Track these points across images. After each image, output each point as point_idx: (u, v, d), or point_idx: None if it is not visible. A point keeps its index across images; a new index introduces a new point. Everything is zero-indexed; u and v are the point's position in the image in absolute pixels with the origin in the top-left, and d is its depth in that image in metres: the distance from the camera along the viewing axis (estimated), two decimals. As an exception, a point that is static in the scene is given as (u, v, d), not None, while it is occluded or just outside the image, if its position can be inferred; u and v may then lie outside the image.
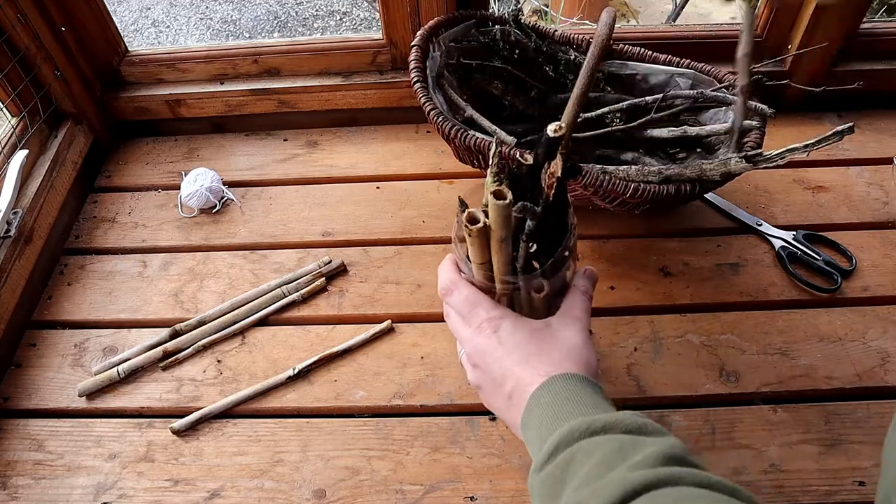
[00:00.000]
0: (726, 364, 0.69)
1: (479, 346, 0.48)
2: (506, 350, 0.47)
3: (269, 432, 0.66)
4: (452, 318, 0.52)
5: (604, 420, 0.40)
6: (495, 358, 0.48)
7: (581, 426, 0.40)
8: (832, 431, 0.63)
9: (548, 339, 0.48)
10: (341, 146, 0.95)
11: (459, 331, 0.51)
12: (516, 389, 0.46)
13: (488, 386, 0.49)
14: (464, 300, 0.50)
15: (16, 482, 0.63)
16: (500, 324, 0.48)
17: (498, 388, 0.48)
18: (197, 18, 2.76)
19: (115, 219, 0.87)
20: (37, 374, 0.71)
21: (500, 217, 0.43)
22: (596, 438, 0.40)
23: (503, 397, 0.48)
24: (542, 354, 0.47)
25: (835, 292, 0.74)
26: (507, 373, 0.47)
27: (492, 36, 0.85)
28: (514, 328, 0.48)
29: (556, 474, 0.39)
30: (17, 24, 0.79)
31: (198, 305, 0.76)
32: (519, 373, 0.46)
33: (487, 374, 0.49)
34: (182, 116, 0.96)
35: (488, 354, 0.48)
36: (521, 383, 0.46)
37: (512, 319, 0.48)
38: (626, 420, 0.40)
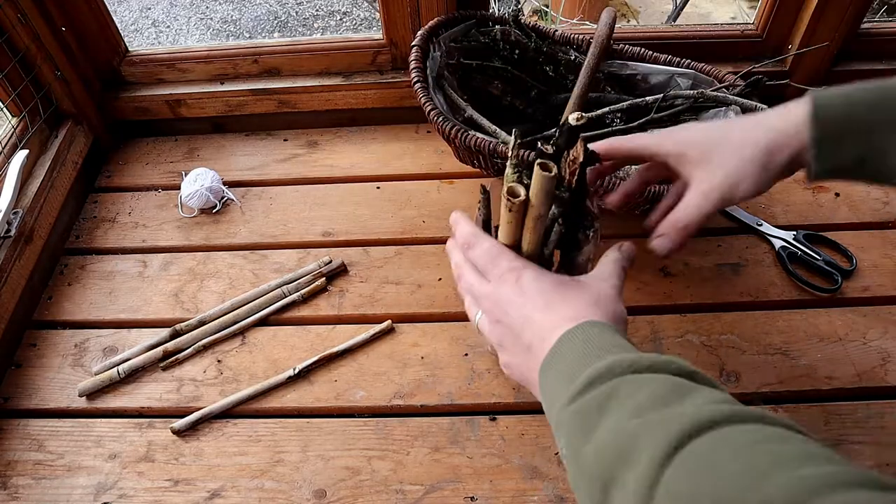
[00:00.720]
0: (726, 364, 0.68)
1: (500, 296, 0.45)
2: (528, 297, 0.44)
3: (270, 432, 0.66)
4: (467, 276, 0.48)
5: (650, 359, 0.36)
6: (516, 306, 0.44)
7: (623, 362, 0.36)
8: (832, 431, 0.63)
9: (574, 288, 0.44)
10: (341, 146, 0.95)
11: (478, 287, 0.47)
12: (536, 337, 0.43)
13: (508, 340, 0.45)
14: (485, 251, 0.47)
15: (16, 482, 0.63)
16: (522, 273, 0.45)
17: (517, 339, 0.44)
18: (197, 18, 2.76)
19: (115, 219, 0.87)
20: (37, 374, 0.71)
21: (543, 191, 0.43)
22: (643, 376, 0.35)
23: (522, 349, 0.44)
24: (566, 300, 0.43)
25: (835, 292, 0.74)
26: (527, 321, 0.43)
27: (492, 36, 0.85)
28: (539, 275, 0.45)
29: (592, 406, 0.35)
30: (18, 24, 0.79)
31: (198, 305, 0.76)
32: (540, 319, 0.43)
33: (508, 326, 0.45)
34: (182, 116, 0.96)
35: (510, 304, 0.44)
36: (541, 331, 0.42)
37: (536, 268, 0.46)
38: (676, 362, 0.36)
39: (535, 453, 0.63)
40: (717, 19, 2.54)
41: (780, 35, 0.89)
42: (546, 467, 0.62)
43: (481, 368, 0.69)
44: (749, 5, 2.55)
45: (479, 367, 0.69)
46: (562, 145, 0.46)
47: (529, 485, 0.61)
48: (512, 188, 0.45)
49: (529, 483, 0.61)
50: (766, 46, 0.91)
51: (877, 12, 2.04)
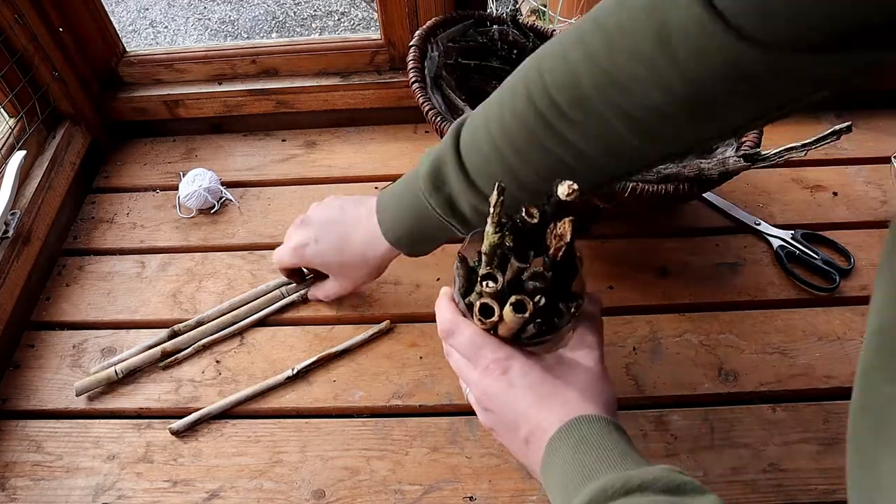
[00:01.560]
0: (725, 363, 0.69)
1: (488, 389, 0.46)
2: (518, 392, 0.44)
3: (268, 433, 0.66)
4: (455, 358, 0.49)
5: (640, 478, 0.37)
6: (507, 402, 0.45)
7: (615, 483, 0.37)
8: (831, 430, 0.63)
9: (562, 377, 0.45)
10: (340, 146, 0.95)
11: (465, 372, 0.48)
12: (533, 434, 0.44)
13: (502, 430, 0.47)
14: (467, 342, 0.47)
15: (14, 483, 0.63)
16: (509, 365, 0.45)
17: (512, 431, 0.45)
18: (195, 19, 2.76)
19: (113, 219, 0.87)
20: (35, 375, 0.71)
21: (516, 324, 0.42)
22: (633, 499, 0.37)
23: (519, 442, 0.45)
24: (557, 395, 0.44)
25: (833, 291, 0.74)
26: (522, 417, 0.44)
27: (490, 36, 0.85)
28: (525, 368, 0.45)
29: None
30: (15, 24, 0.78)
31: (196, 306, 0.76)
32: (534, 416, 0.44)
33: (500, 418, 0.46)
34: (180, 117, 0.96)
35: (499, 398, 0.45)
36: (538, 428, 0.44)
37: (521, 359, 0.46)
38: (664, 478, 0.37)
39: (533, 453, 0.63)
40: (715, 19, 2.53)
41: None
42: (545, 467, 0.62)
43: (480, 368, 0.69)
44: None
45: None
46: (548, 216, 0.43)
47: (528, 485, 0.61)
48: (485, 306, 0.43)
49: (528, 483, 0.61)
50: None
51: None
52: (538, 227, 0.43)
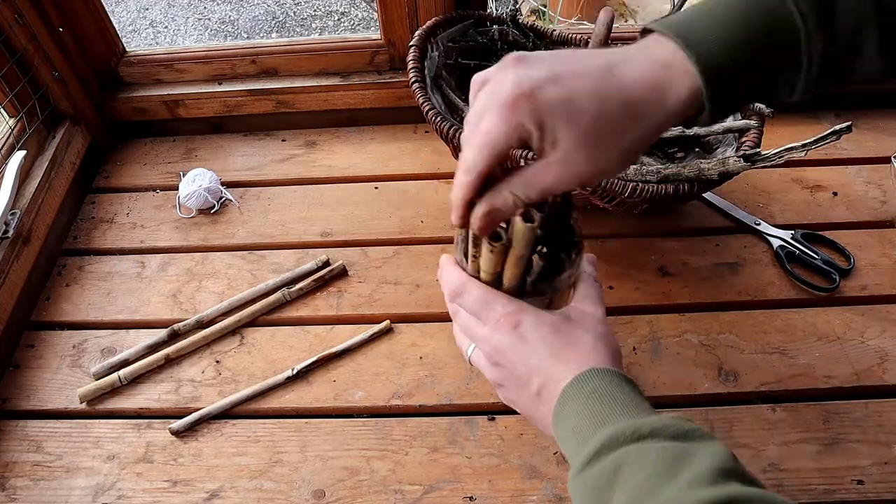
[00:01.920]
0: (725, 363, 0.69)
1: (499, 343, 0.46)
2: (530, 346, 0.45)
3: (268, 433, 0.66)
4: (462, 318, 0.49)
5: (650, 424, 0.38)
6: (519, 355, 0.45)
7: (626, 430, 0.38)
8: (831, 430, 0.63)
9: (571, 332, 0.46)
10: (339, 146, 0.95)
11: (474, 330, 0.48)
12: (545, 387, 0.44)
13: (512, 384, 0.47)
14: (476, 298, 0.47)
15: (14, 483, 0.63)
16: (520, 319, 0.45)
17: (523, 386, 0.46)
18: (195, 19, 2.76)
19: (113, 219, 0.87)
20: (35, 375, 0.71)
21: (525, 238, 0.42)
22: (643, 444, 0.37)
23: (529, 395, 0.45)
24: (568, 348, 0.45)
25: (833, 291, 0.74)
26: (534, 370, 0.45)
27: (490, 36, 0.85)
28: (537, 323, 0.45)
29: (601, 480, 0.37)
30: (15, 24, 0.78)
31: (196, 306, 0.76)
32: (547, 368, 0.44)
33: (511, 373, 0.46)
34: (180, 117, 0.96)
35: (511, 351, 0.45)
36: (550, 380, 0.44)
37: (532, 314, 0.46)
38: (673, 425, 0.38)
39: (533, 453, 0.63)
40: (715, 19, 2.53)
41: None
42: (545, 467, 0.62)
43: (480, 368, 0.69)
44: (747, 5, 2.54)
45: (477, 368, 0.69)
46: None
47: (528, 484, 0.61)
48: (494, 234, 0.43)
49: (528, 483, 0.61)
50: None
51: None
52: None
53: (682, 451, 0.37)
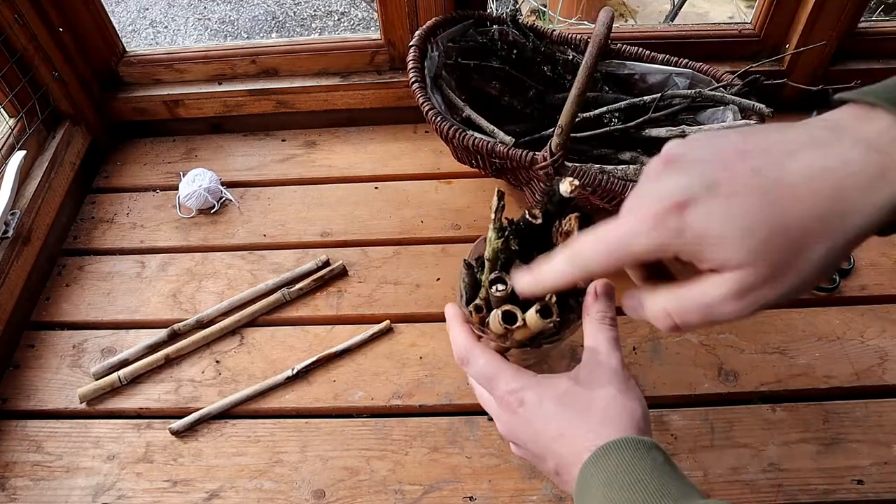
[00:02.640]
0: (725, 363, 0.69)
1: (508, 425, 0.44)
2: (537, 427, 0.42)
3: (268, 433, 0.66)
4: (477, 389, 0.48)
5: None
6: (529, 437, 0.43)
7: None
8: (830, 430, 0.63)
9: (579, 402, 0.41)
10: (339, 146, 0.95)
11: (487, 403, 0.47)
12: (560, 467, 0.41)
13: (533, 459, 0.45)
14: (480, 371, 0.45)
15: (14, 483, 0.63)
16: (522, 397, 0.42)
17: (542, 463, 0.44)
18: (195, 19, 2.76)
19: (113, 219, 0.87)
20: (35, 375, 0.71)
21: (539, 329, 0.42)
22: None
23: (551, 473, 0.43)
24: (578, 424, 0.41)
25: (833, 291, 0.74)
26: (546, 451, 0.42)
27: (490, 36, 0.85)
28: (539, 398, 0.42)
29: None
30: (15, 24, 0.78)
31: (196, 306, 0.76)
32: (558, 450, 0.41)
33: (527, 451, 0.44)
34: (180, 117, 0.96)
35: (520, 434, 0.43)
36: (564, 461, 0.41)
37: (534, 389, 0.43)
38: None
39: (533, 453, 0.63)
40: (715, 19, 2.54)
41: (778, 34, 0.89)
42: (545, 467, 0.62)
43: (480, 368, 0.69)
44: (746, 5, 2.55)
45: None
46: (552, 213, 0.42)
47: (528, 485, 0.61)
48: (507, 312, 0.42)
49: (528, 483, 0.61)
50: (764, 46, 0.91)
51: (874, 11, 2.05)
52: (542, 228, 0.43)
53: None
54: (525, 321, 0.42)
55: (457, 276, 0.77)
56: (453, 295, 0.76)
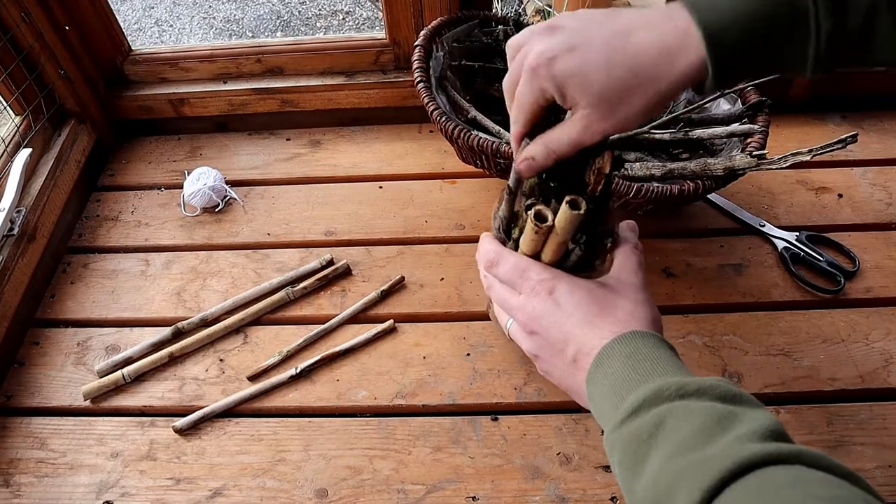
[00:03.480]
0: (729, 365, 0.68)
1: (534, 310, 0.45)
2: (565, 312, 0.44)
3: (271, 431, 0.66)
4: (497, 289, 0.49)
5: (697, 383, 0.37)
6: (554, 321, 0.44)
7: (671, 386, 0.37)
8: (835, 433, 0.63)
9: (608, 298, 0.45)
10: (344, 146, 0.95)
11: (509, 300, 0.48)
12: (581, 352, 0.43)
13: (547, 352, 0.46)
14: (512, 267, 0.47)
15: (18, 480, 0.63)
16: (554, 285, 0.45)
17: (559, 353, 0.45)
18: (200, 17, 2.77)
19: (118, 217, 0.87)
20: (40, 373, 0.71)
21: (570, 225, 0.43)
22: (689, 402, 0.36)
23: (565, 362, 0.44)
24: (604, 315, 0.44)
25: (838, 293, 0.73)
26: (569, 336, 0.44)
27: (495, 37, 0.85)
28: (571, 288, 0.45)
29: (642, 435, 0.36)
30: (21, 23, 0.79)
31: (200, 304, 0.76)
32: (582, 334, 0.43)
33: (546, 340, 0.45)
34: (185, 115, 0.96)
35: (546, 318, 0.45)
36: (586, 345, 0.43)
37: (567, 280, 0.45)
38: (720, 387, 0.37)
39: (536, 453, 0.63)
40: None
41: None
42: (548, 467, 0.62)
43: (483, 368, 0.69)
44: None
45: (480, 367, 0.69)
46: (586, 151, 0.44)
47: (531, 485, 0.61)
48: (539, 212, 0.44)
49: (531, 483, 0.61)
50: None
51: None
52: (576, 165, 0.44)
53: (729, 412, 0.35)
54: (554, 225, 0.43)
55: (460, 277, 0.77)
56: (457, 295, 0.76)
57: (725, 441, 0.33)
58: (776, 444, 0.32)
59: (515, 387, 0.67)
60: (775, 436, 0.34)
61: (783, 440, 0.34)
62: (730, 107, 0.77)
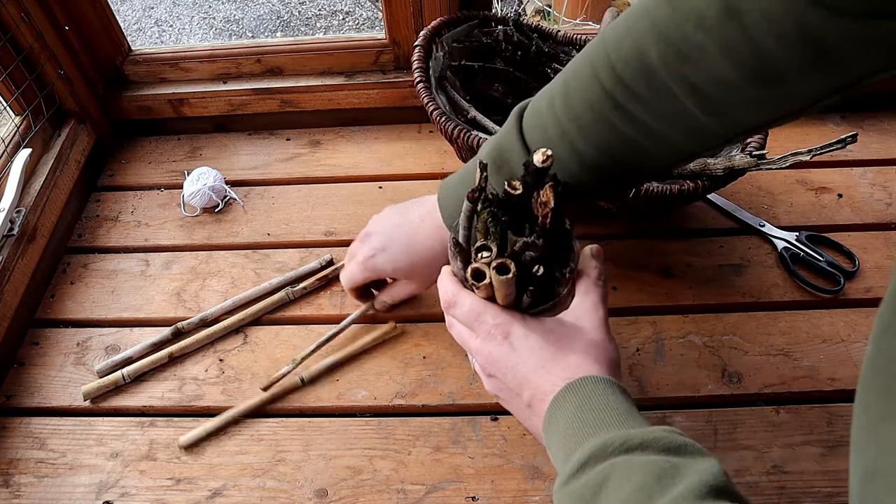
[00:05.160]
0: (728, 365, 0.68)
1: (490, 355, 0.46)
2: (520, 357, 0.45)
3: (271, 431, 0.66)
4: (457, 329, 0.50)
5: (640, 436, 0.38)
6: (510, 366, 0.45)
7: (615, 441, 0.38)
8: (834, 433, 0.63)
9: (563, 340, 0.45)
10: (344, 146, 0.95)
11: (468, 342, 0.49)
12: (535, 398, 0.44)
13: (506, 395, 0.47)
14: (468, 311, 0.47)
15: (18, 480, 0.63)
16: (509, 329, 0.46)
17: (516, 396, 0.46)
18: (200, 18, 2.77)
19: (117, 217, 0.87)
20: (39, 373, 0.71)
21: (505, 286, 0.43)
22: (632, 457, 0.37)
23: (522, 406, 0.46)
24: (558, 358, 0.44)
25: (838, 293, 0.73)
26: (524, 381, 0.45)
27: (494, 37, 0.85)
28: (526, 332, 0.45)
29: (587, 495, 0.37)
30: (21, 23, 0.79)
31: (200, 304, 0.76)
32: (536, 380, 0.44)
33: (504, 384, 0.46)
34: (185, 115, 0.96)
35: (501, 363, 0.46)
36: (539, 391, 0.44)
37: (522, 323, 0.46)
38: (665, 438, 0.38)
39: (536, 453, 0.63)
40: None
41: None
42: (548, 468, 0.62)
43: (483, 368, 0.69)
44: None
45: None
46: (530, 186, 0.44)
47: (531, 485, 0.61)
48: (476, 270, 0.44)
49: (531, 483, 0.61)
50: None
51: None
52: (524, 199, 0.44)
53: (671, 465, 0.36)
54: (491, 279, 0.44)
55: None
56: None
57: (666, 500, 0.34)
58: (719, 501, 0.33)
59: (515, 387, 0.67)
60: (715, 492, 0.34)
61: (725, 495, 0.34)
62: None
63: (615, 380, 0.44)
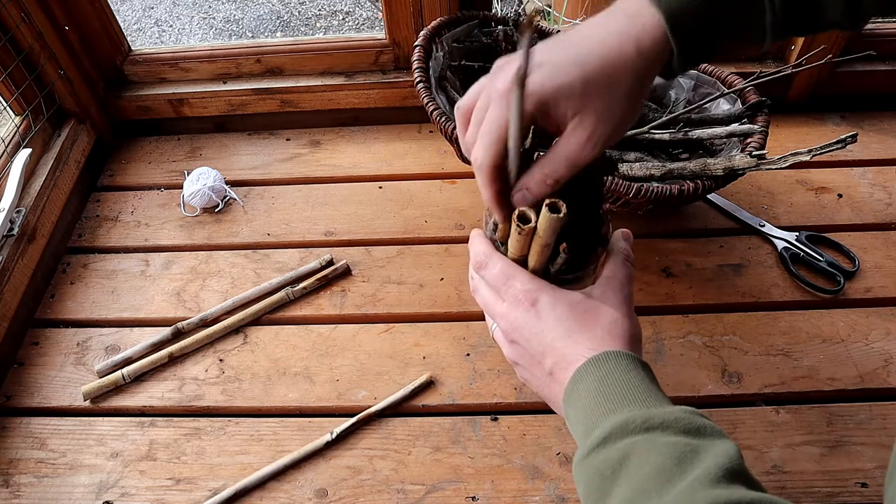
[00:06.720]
0: (728, 365, 0.68)
1: (515, 321, 0.46)
2: (545, 325, 0.44)
3: (271, 431, 0.66)
4: (483, 292, 0.49)
5: (661, 416, 0.38)
6: (534, 333, 0.45)
7: (636, 419, 0.38)
8: (834, 433, 0.63)
9: (590, 313, 0.45)
10: (344, 146, 0.95)
11: (493, 306, 0.48)
12: (557, 366, 0.44)
13: (526, 362, 0.47)
14: (498, 272, 0.47)
15: (18, 480, 0.63)
16: (537, 297, 0.45)
17: (537, 364, 0.46)
18: (200, 18, 2.77)
19: (117, 217, 0.87)
20: (39, 373, 0.71)
21: (551, 228, 0.42)
22: (653, 436, 0.37)
23: (543, 374, 0.45)
24: (584, 329, 0.44)
25: (837, 293, 0.73)
26: (548, 349, 0.44)
27: (494, 37, 0.85)
28: (554, 301, 0.45)
29: (606, 470, 0.37)
30: (21, 23, 0.79)
31: (200, 304, 0.76)
32: (560, 349, 0.44)
33: (525, 350, 0.46)
34: (185, 116, 0.96)
35: (526, 329, 0.45)
36: (563, 360, 0.44)
37: (550, 292, 0.45)
38: (685, 419, 0.38)
39: (536, 454, 0.63)
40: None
41: (783, 36, 0.89)
42: (547, 468, 0.62)
43: (483, 368, 0.69)
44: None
45: (480, 368, 0.69)
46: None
47: (531, 485, 0.61)
48: (523, 213, 0.44)
49: (531, 483, 0.61)
50: (769, 47, 0.91)
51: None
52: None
53: (691, 448, 0.36)
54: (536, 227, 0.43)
55: (460, 277, 0.77)
56: (456, 295, 0.76)
57: (680, 488, 0.34)
58: (728, 493, 0.33)
59: (515, 387, 0.67)
60: (730, 475, 0.34)
61: (739, 478, 0.35)
62: (729, 107, 0.77)
63: (637, 355, 0.44)
